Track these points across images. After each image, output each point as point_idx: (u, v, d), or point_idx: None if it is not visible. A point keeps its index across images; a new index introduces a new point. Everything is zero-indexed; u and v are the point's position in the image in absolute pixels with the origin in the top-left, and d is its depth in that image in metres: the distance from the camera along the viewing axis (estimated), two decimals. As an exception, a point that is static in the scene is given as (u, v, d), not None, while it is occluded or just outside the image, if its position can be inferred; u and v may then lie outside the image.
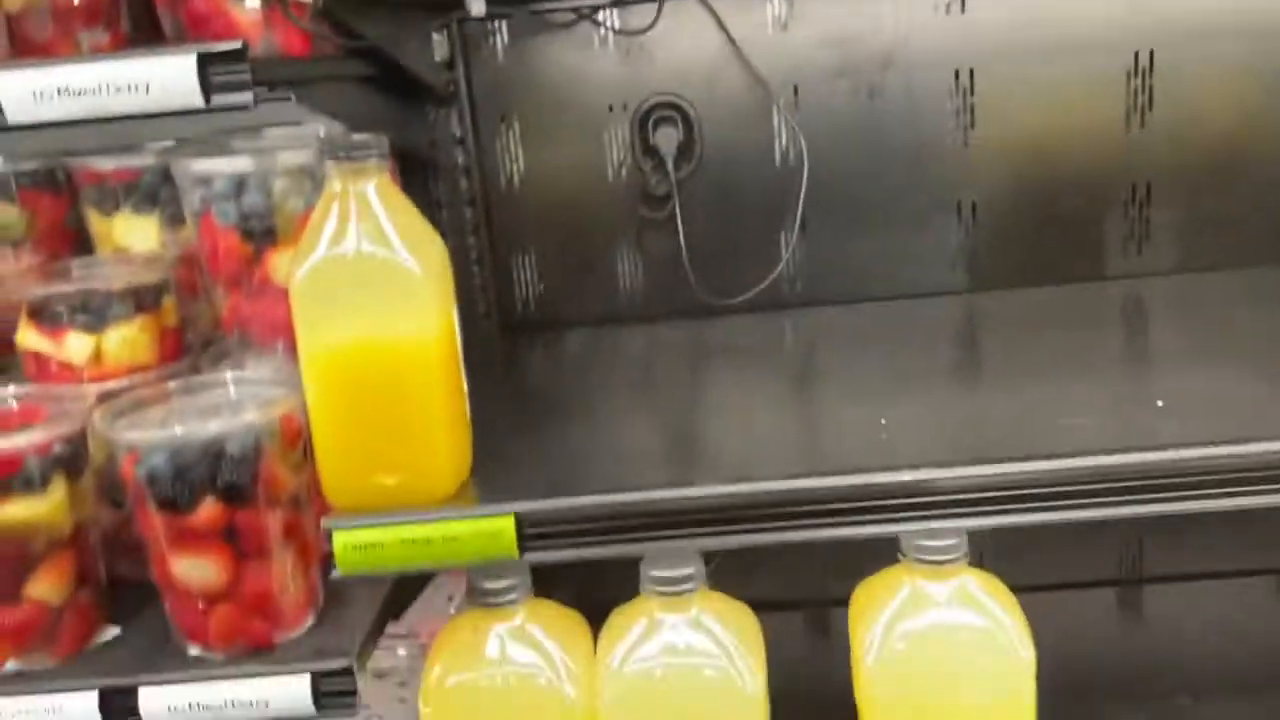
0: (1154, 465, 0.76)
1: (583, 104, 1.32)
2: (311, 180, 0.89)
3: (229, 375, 0.89)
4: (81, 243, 1.08)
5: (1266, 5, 1.24)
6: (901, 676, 0.84)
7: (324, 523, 0.78)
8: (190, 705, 0.79)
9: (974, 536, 1.34)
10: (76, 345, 0.91)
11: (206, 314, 1.02)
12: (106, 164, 1.01)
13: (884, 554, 0.87)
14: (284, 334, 0.89)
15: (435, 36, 1.22)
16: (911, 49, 1.28)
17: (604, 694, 0.84)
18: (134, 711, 0.81)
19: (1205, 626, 1.33)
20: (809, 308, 1.36)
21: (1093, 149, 1.30)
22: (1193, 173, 1.29)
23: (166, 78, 0.68)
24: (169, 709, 0.80)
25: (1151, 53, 1.26)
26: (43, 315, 0.91)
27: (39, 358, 0.93)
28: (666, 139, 1.31)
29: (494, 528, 0.77)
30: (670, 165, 1.31)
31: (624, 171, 1.34)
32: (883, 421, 0.92)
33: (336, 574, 0.78)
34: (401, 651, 1.09)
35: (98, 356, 0.93)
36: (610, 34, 1.29)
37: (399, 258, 0.78)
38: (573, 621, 0.92)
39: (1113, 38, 1.26)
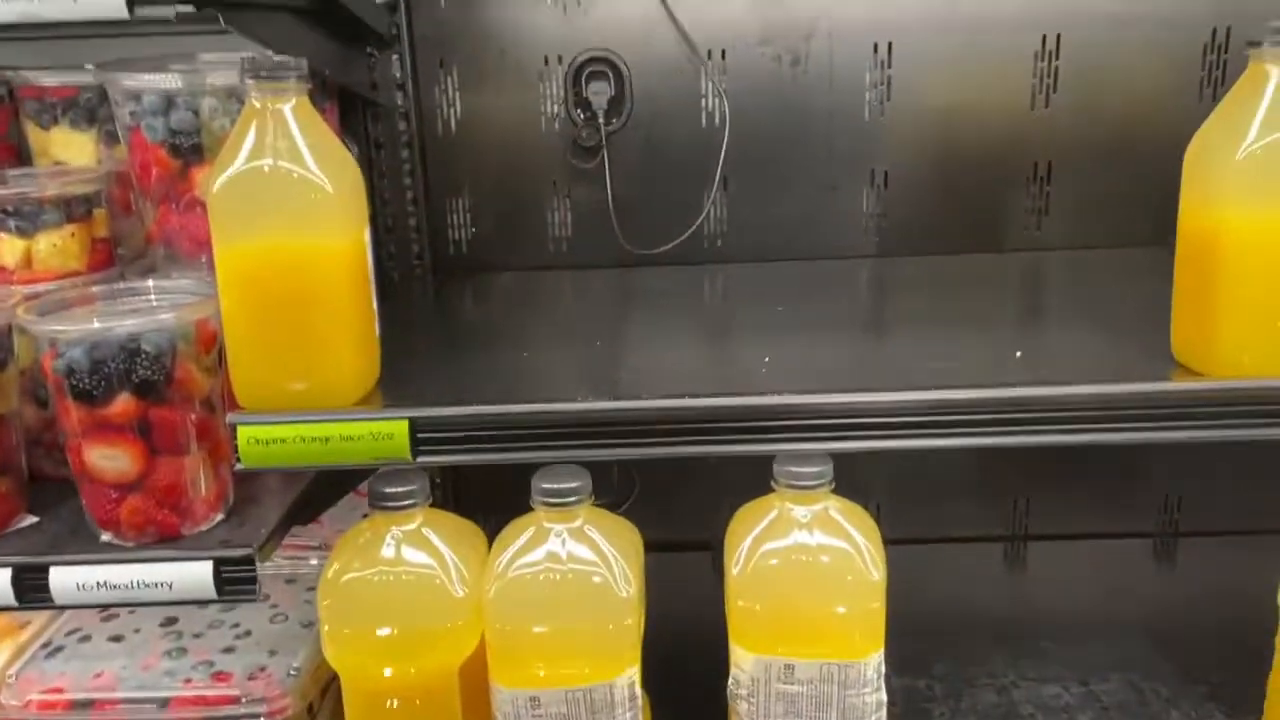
0: (991, 401, 0.83)
1: (520, 54, 1.37)
2: (239, 101, 0.94)
3: (151, 283, 0.94)
4: (21, 156, 1.12)
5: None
6: (763, 589, 0.91)
7: (229, 417, 0.84)
8: (99, 584, 0.85)
9: (869, 488, 1.42)
10: (7, 248, 0.96)
11: (139, 231, 1.07)
12: (47, 79, 1.06)
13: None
14: (207, 249, 0.93)
15: (376, -24, 1.26)
16: (835, 20, 1.35)
17: (489, 594, 0.91)
18: (45, 589, 0.86)
19: (1079, 583, 1.43)
20: (727, 264, 1.42)
21: (1000, 126, 1.37)
22: (1091, 153, 1.37)
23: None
24: (78, 586, 0.85)
25: (1059, 35, 1.34)
26: (-26, 218, 0.95)
27: (-30, 258, 0.97)
28: (599, 93, 1.37)
29: (389, 430, 0.83)
30: (601, 119, 1.37)
31: (557, 123, 1.39)
32: (766, 359, 0.99)
33: (239, 466, 0.84)
34: (314, 561, 1.15)
35: (28, 260, 0.97)
36: (549, -12, 1.35)
37: (311, 174, 0.83)
38: (469, 531, 0.98)
39: (1023, 18, 1.33)
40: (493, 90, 1.39)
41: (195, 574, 0.85)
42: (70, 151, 1.07)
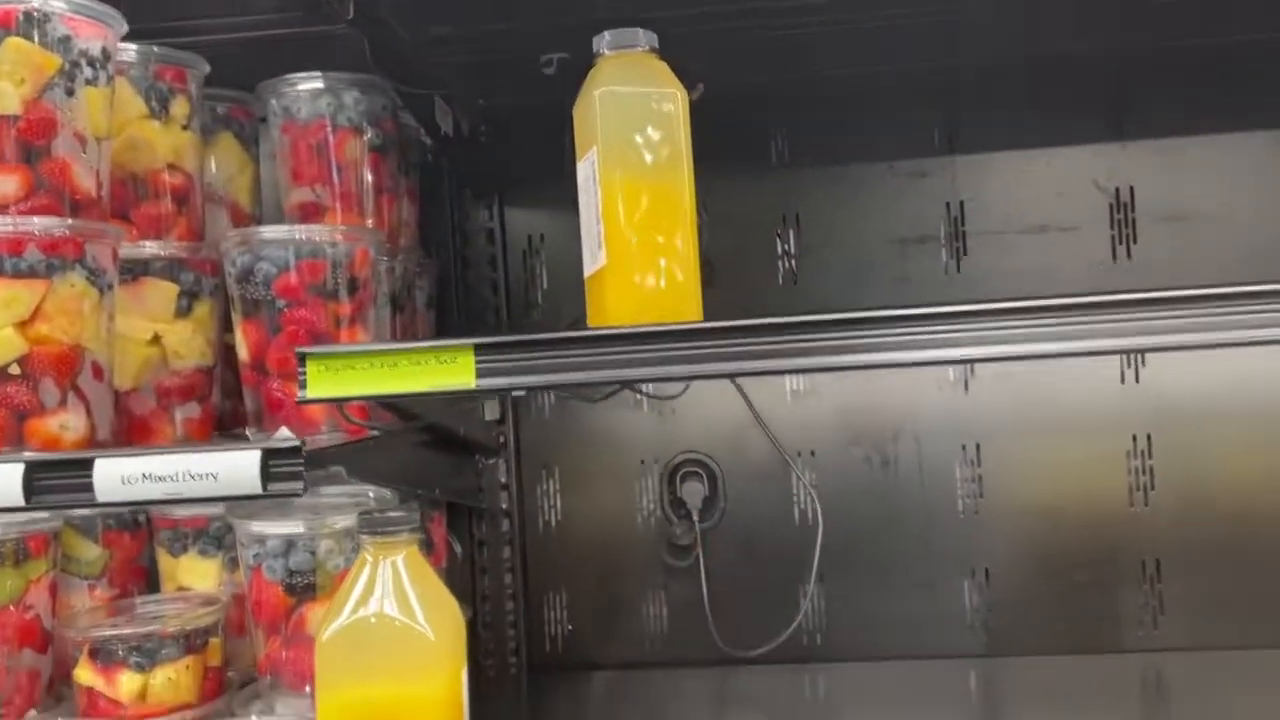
0: None
1: (617, 458, 1.44)
2: (353, 541, 1.00)
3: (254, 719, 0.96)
4: (151, 579, 1.19)
5: (1259, 390, 1.33)
6: None
7: None
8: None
9: None
10: (125, 684, 1.00)
11: (249, 653, 1.10)
12: (181, 512, 1.14)
13: None
14: (311, 682, 0.96)
15: (486, 400, 1.37)
16: (920, 422, 1.39)
17: None
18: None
19: None
20: (826, 663, 1.39)
21: (1100, 523, 1.36)
22: (1201, 550, 1.33)
23: (233, 469, 0.80)
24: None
25: (1149, 435, 1.35)
26: (100, 654, 1.00)
27: (91, 692, 1.01)
28: (692, 493, 1.42)
29: None
30: (695, 517, 1.41)
31: (652, 521, 1.43)
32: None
33: None
34: None
35: (143, 694, 1.01)
36: (644, 398, 1.44)
37: (416, 626, 0.86)
38: None
39: (1109, 420, 1.36)
40: (591, 491, 1.45)
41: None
42: (197, 577, 1.14)
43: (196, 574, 1.14)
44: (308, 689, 1.01)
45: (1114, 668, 1.31)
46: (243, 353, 1.03)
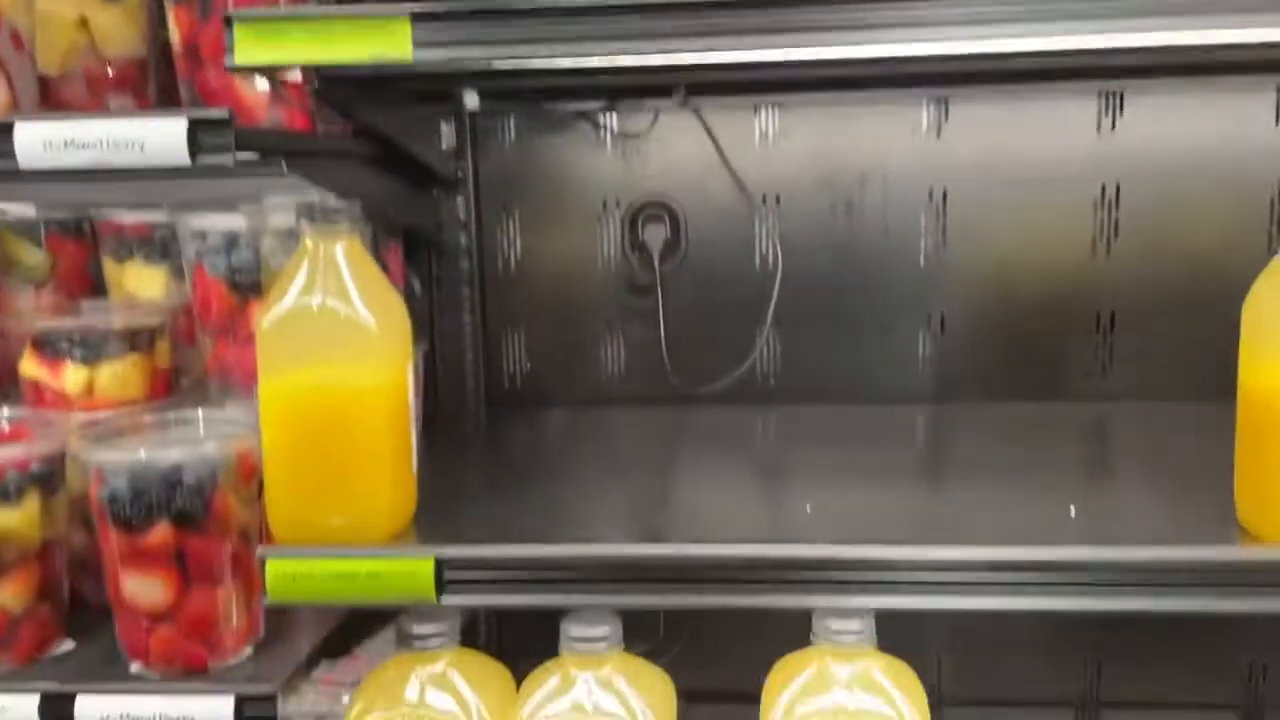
0: (1040, 562, 0.79)
1: (580, 198, 1.41)
2: (298, 241, 0.98)
3: (200, 413, 0.96)
4: (99, 288, 1.18)
5: (1234, 145, 1.30)
6: (798, 751, 0.87)
7: (259, 551, 0.84)
8: (122, 715, 0.85)
9: (929, 643, 1.36)
10: (70, 376, 1.00)
11: (200, 362, 1.10)
12: (126, 217, 1.12)
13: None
14: (258, 382, 0.97)
15: (444, 126, 1.32)
16: (889, 168, 1.36)
17: (513, 742, 0.88)
18: (70, 717, 0.86)
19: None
20: (779, 405, 1.41)
21: (1060, 274, 1.36)
22: (1155, 303, 1.34)
23: (158, 138, 0.77)
24: (102, 718, 0.85)
25: (1118, 185, 1.33)
26: (44, 347, 1.00)
27: (37, 386, 1.01)
28: (654, 235, 1.40)
29: (413, 569, 0.82)
30: (656, 259, 1.39)
31: (613, 263, 1.42)
32: (808, 506, 0.97)
33: (267, 601, 0.84)
34: (345, 699, 1.13)
35: (89, 388, 1.01)
36: (609, 135, 1.39)
37: (357, 314, 0.85)
38: (498, 674, 0.96)
39: (1081, 169, 1.33)
40: (552, 231, 1.43)
41: (217, 710, 0.85)
42: (142, 285, 1.12)
43: (142, 281, 1.12)
44: (255, 390, 1.01)
45: (1059, 414, 1.33)
46: (175, 41, 0.98)
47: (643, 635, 1.38)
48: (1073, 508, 0.93)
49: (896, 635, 0.91)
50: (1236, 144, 1.30)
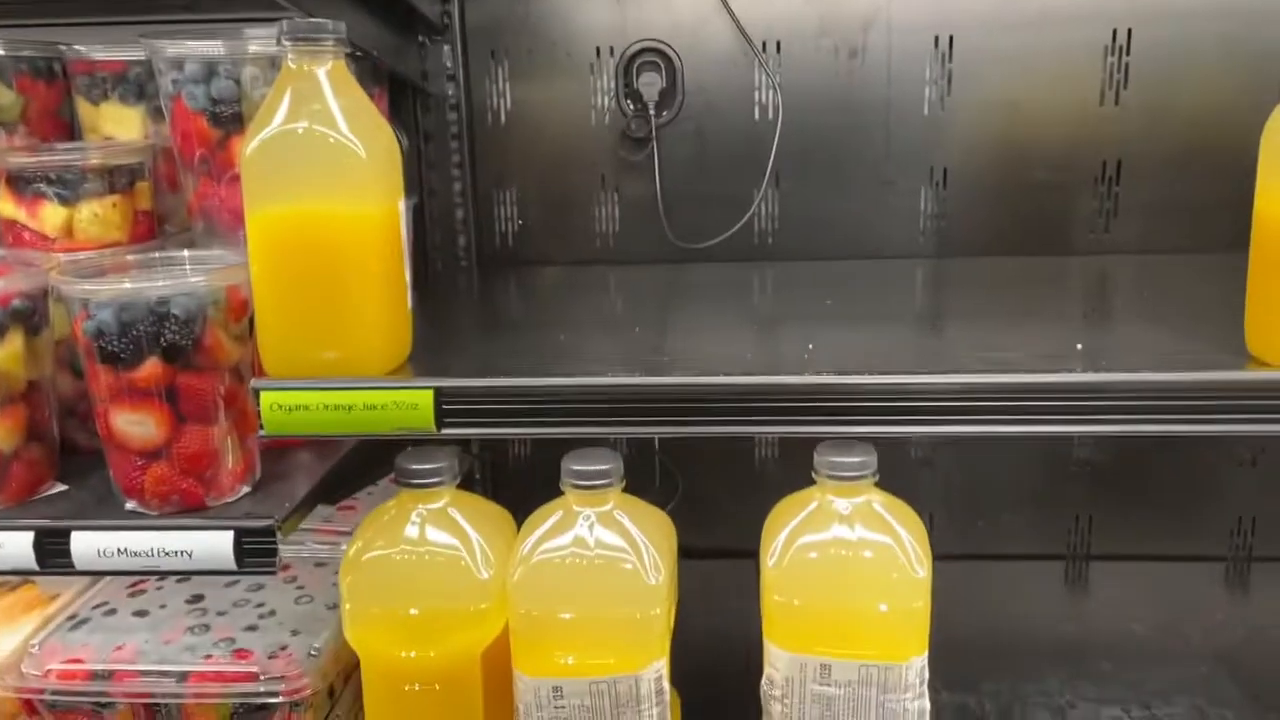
0: (1044, 386, 0.78)
1: (572, 45, 1.36)
2: (279, 70, 0.93)
3: (187, 253, 0.93)
4: (73, 132, 1.13)
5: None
6: (800, 583, 0.87)
7: (252, 383, 0.82)
8: (119, 550, 0.84)
9: (922, 500, 1.36)
10: (49, 215, 0.96)
11: (184, 207, 1.07)
12: (97, 54, 1.06)
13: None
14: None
15: (428, -39, 1.26)
16: (894, 12, 1.31)
17: (514, 577, 0.87)
18: (66, 554, 0.85)
19: (1143, 605, 1.35)
20: (779, 261, 1.38)
21: (1067, 123, 1.32)
22: (1164, 153, 1.31)
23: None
24: (99, 552, 0.84)
25: (1130, 30, 1.28)
26: (20, 185, 0.96)
27: (14, 225, 0.97)
28: (649, 84, 1.35)
29: (413, 399, 0.80)
30: (652, 110, 1.35)
31: (607, 115, 1.37)
32: (810, 345, 0.95)
33: (262, 433, 0.82)
34: (343, 546, 1.13)
35: (69, 229, 0.97)
36: (603, -22, 1.33)
37: (345, 138, 0.82)
38: (497, 514, 0.95)
39: (1093, 12, 1.28)
40: (543, 81, 1.38)
41: (215, 544, 0.84)
42: (119, 127, 1.08)
43: (119, 123, 1.08)
44: (242, 231, 0.98)
45: (1063, 268, 1.31)
46: None
47: (637, 490, 1.40)
48: (1079, 345, 0.91)
49: (890, 490, 0.90)
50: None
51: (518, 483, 1.43)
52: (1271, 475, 1.42)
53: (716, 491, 1.45)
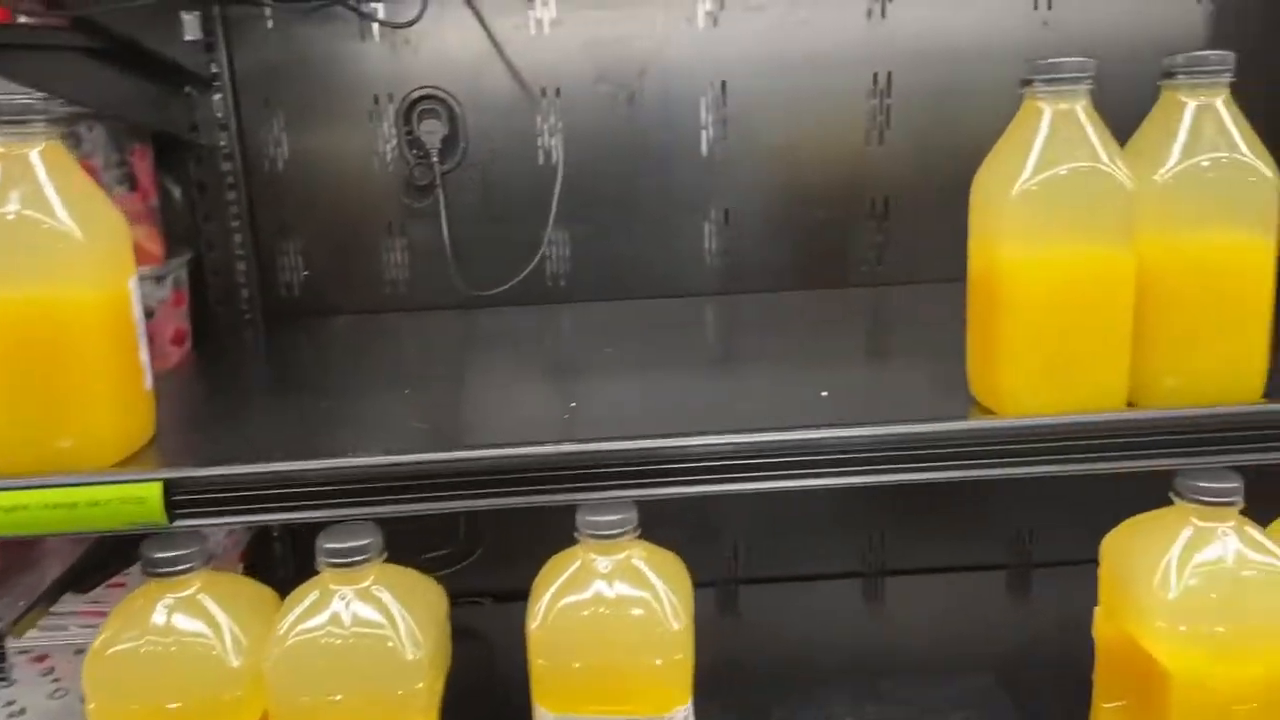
0: (783, 444, 0.81)
1: (349, 92, 1.34)
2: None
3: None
4: None
5: (998, 33, 1.33)
6: (561, 645, 0.88)
7: (-36, 484, 0.78)
8: None
9: (726, 527, 1.39)
10: None
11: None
12: None
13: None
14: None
15: (185, 16, 1.22)
16: (667, 58, 1.34)
17: (268, 663, 0.85)
18: None
19: (932, 617, 1.41)
20: (570, 303, 1.40)
21: (839, 162, 1.38)
22: (925, 189, 1.37)
23: None
24: None
25: (889, 73, 1.35)
26: None
27: None
28: (431, 132, 1.34)
29: (139, 494, 0.78)
30: (435, 157, 1.34)
31: (389, 162, 1.36)
32: (572, 404, 0.96)
33: (-19, 537, 0.78)
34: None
35: None
36: (376, 25, 1.32)
37: (59, 224, 0.78)
38: (255, 594, 0.93)
39: (854, 56, 1.34)
40: (322, 129, 1.35)
41: None
42: None
43: None
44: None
45: (839, 301, 1.36)
46: None
47: (443, 539, 1.39)
48: (825, 392, 0.95)
49: (695, 524, 0.92)
50: (1000, 33, 1.34)
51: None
52: (1048, 485, 1.51)
53: (527, 533, 1.45)
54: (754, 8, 1.33)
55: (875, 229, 1.39)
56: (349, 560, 0.86)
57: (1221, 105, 0.81)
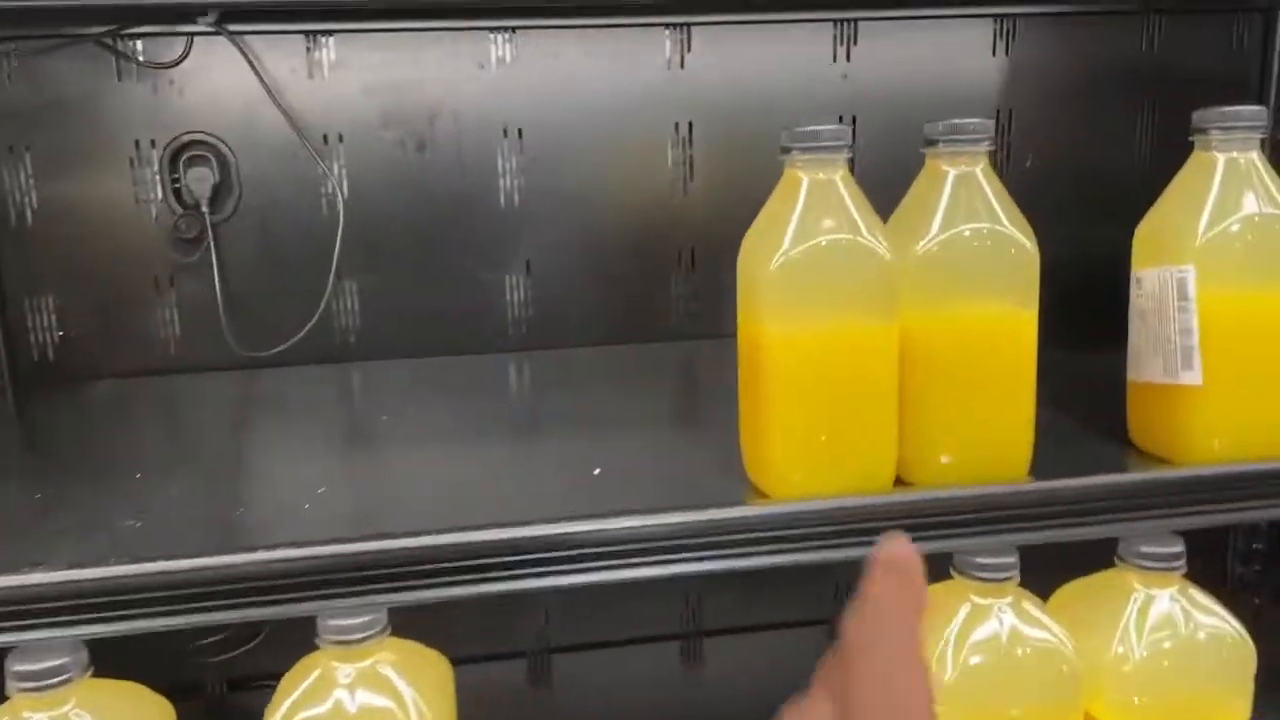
0: (526, 541, 0.74)
1: (106, 138, 1.22)
2: None
3: None
4: None
5: (792, 79, 1.31)
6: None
7: None
8: None
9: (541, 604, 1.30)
10: None
11: None
12: None
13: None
14: None
15: (-100, 53, 1.09)
16: (459, 103, 1.27)
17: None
18: None
19: (751, 677, 1.37)
20: (363, 361, 1.31)
21: (645, 213, 1.33)
22: (730, 239, 1.33)
23: None
24: None
25: (690, 123, 1.31)
26: None
27: None
28: (200, 180, 1.23)
29: None
30: (205, 207, 1.23)
31: (155, 212, 1.24)
32: (320, 489, 0.88)
33: None
34: None
35: None
36: (135, 65, 1.21)
37: None
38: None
39: (654, 106, 1.29)
40: (77, 177, 1.23)
41: None
42: None
43: None
44: None
45: (645, 356, 1.31)
46: None
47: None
48: (597, 470, 0.89)
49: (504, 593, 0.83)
50: (800, 83, 1.32)
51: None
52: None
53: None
54: (549, 54, 1.27)
55: (683, 281, 1.35)
56: (42, 683, 0.75)
57: (981, 174, 0.79)
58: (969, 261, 0.77)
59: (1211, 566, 1.46)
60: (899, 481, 0.80)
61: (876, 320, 0.77)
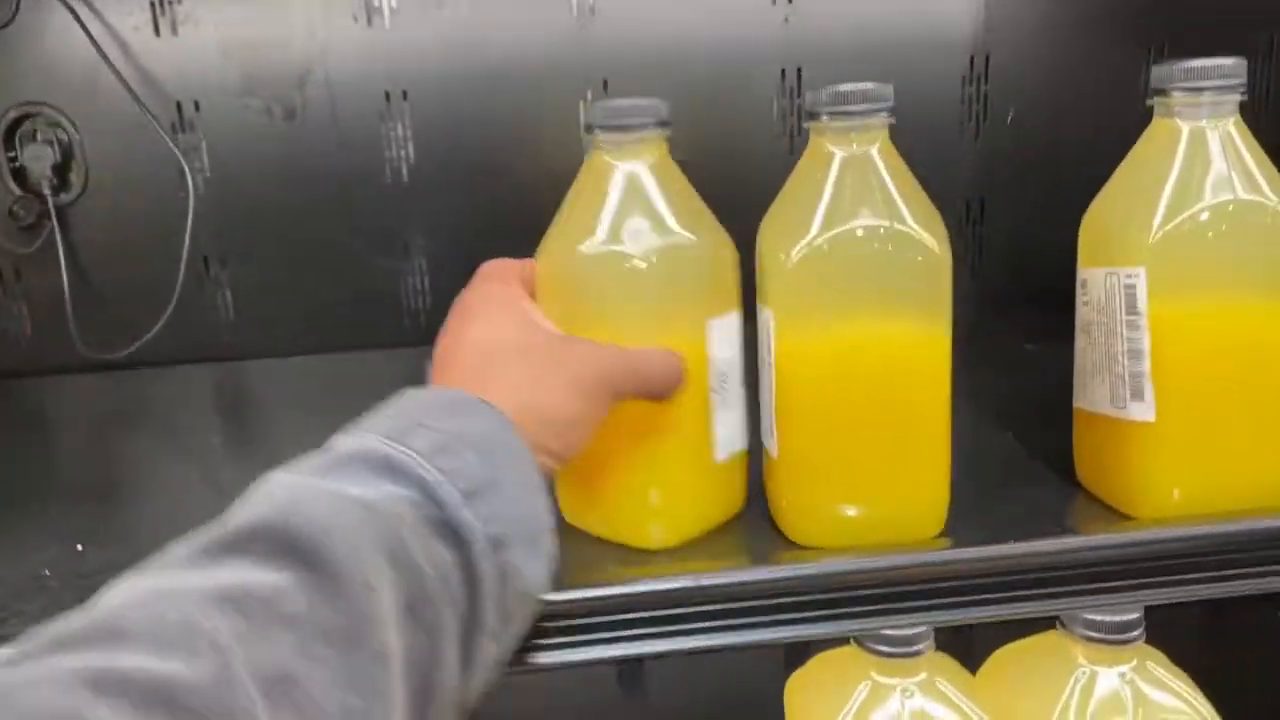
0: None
1: (-72, 111, 1.07)
2: None
3: None
4: None
5: (714, 40, 1.13)
6: None
7: None
8: None
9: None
10: None
11: None
12: None
13: None
14: None
15: None
16: (331, 65, 1.10)
17: None
18: None
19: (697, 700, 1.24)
20: (237, 361, 1.16)
21: (555, 184, 1.15)
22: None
23: None
24: None
25: (605, 81, 1.13)
26: None
27: None
28: (39, 158, 1.08)
29: None
30: (47, 189, 1.08)
31: (-9, 197, 1.10)
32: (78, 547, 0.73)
33: None
34: None
35: None
36: (-46, 28, 1.05)
37: None
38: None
39: (559, 65, 1.12)
40: (-107, 157, 1.08)
41: None
42: None
43: None
44: None
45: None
46: None
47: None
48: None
49: None
50: (734, 23, 1.13)
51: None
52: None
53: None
54: (437, 2, 1.10)
55: (596, 265, 1.17)
56: None
57: (878, 155, 0.61)
58: (857, 269, 0.60)
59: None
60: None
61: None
